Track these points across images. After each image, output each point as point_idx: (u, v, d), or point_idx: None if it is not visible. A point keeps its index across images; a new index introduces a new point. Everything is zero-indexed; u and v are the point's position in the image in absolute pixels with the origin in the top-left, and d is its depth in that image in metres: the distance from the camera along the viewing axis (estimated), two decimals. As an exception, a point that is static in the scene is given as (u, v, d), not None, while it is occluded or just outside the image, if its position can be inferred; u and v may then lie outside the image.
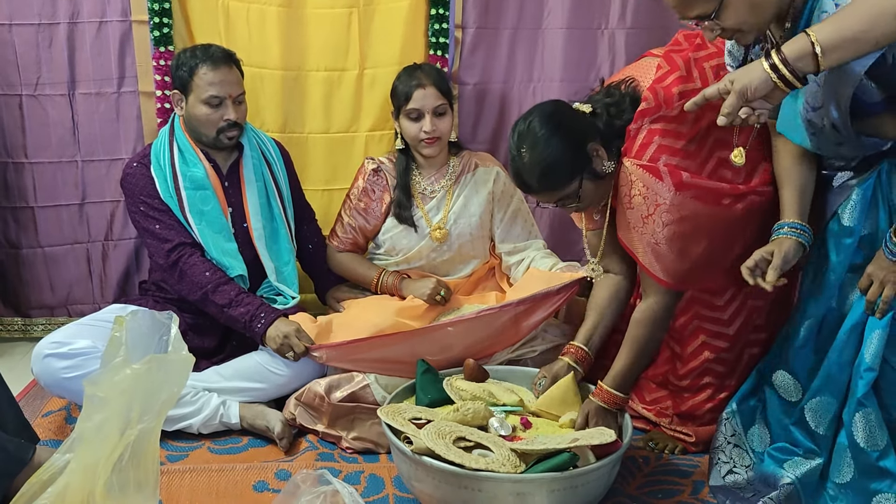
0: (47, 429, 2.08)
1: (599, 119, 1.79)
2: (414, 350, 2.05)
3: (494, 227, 2.42)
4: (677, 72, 1.77)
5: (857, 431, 1.59)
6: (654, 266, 1.79)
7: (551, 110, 1.79)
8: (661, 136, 1.73)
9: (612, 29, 2.67)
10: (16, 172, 2.59)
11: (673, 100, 1.73)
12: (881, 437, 1.58)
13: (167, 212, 2.17)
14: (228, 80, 2.16)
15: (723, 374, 2.05)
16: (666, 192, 1.71)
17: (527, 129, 1.75)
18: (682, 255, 1.77)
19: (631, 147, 1.76)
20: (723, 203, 1.74)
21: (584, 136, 1.76)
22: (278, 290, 2.28)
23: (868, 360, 1.57)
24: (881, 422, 1.58)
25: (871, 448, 1.58)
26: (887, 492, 1.58)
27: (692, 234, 1.75)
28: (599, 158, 1.77)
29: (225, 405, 2.10)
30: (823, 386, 1.67)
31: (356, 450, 2.04)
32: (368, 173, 2.38)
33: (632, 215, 1.77)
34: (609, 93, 1.84)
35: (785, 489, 1.70)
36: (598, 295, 2.01)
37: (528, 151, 1.74)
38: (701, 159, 1.74)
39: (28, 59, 2.50)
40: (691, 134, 1.73)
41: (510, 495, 1.61)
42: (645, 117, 1.74)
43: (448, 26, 2.57)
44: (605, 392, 1.84)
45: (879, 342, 1.56)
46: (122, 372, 1.35)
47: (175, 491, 1.83)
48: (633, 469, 1.97)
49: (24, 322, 2.72)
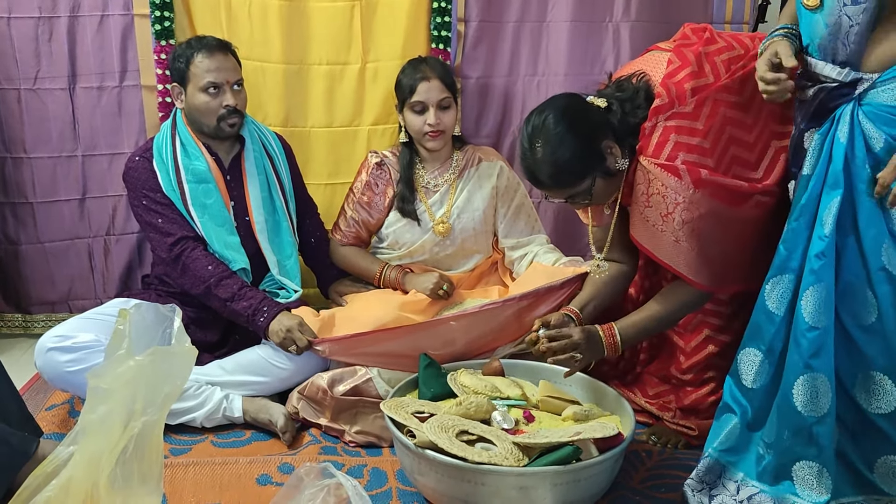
0: (51, 422, 2.08)
1: (614, 115, 1.77)
2: (417, 344, 2.05)
3: (498, 222, 2.42)
4: (689, 67, 1.75)
5: (797, 395, 1.54)
6: (677, 262, 1.78)
7: (567, 105, 1.76)
8: (676, 133, 1.71)
9: (616, 22, 2.66)
10: (14, 167, 2.58)
11: (686, 96, 1.72)
12: (824, 404, 1.52)
13: (170, 205, 2.17)
14: (225, 66, 2.16)
15: (726, 368, 2.03)
16: (685, 189, 1.70)
17: (542, 124, 1.72)
18: (701, 253, 1.76)
19: (647, 145, 1.74)
20: (741, 200, 1.73)
21: (598, 134, 1.74)
22: (281, 283, 2.28)
23: (808, 320, 1.52)
24: (829, 388, 1.51)
25: (808, 412, 1.53)
26: (812, 460, 1.56)
27: (711, 231, 1.74)
28: (613, 156, 1.76)
29: (228, 399, 2.10)
30: (751, 336, 1.65)
31: (359, 444, 2.04)
32: (372, 167, 2.38)
33: (651, 214, 1.76)
34: (621, 87, 1.81)
35: (704, 462, 1.71)
36: (596, 276, 2.00)
37: (541, 147, 1.71)
38: (717, 155, 1.73)
39: (27, 52, 2.49)
40: (706, 130, 1.72)
41: (513, 489, 1.61)
42: (659, 114, 1.73)
43: (450, 19, 2.56)
44: (610, 331, 1.84)
45: (817, 299, 1.50)
46: (125, 364, 1.34)
47: (179, 484, 1.83)
48: (637, 463, 1.97)
49: (24, 318, 2.71)
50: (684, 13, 2.65)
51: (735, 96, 1.75)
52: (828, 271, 1.51)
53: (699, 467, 1.73)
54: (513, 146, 2.72)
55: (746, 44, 1.83)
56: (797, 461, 1.58)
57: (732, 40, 1.84)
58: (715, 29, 1.98)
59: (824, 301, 1.51)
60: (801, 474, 1.58)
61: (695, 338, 2.04)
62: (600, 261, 1.94)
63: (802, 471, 1.58)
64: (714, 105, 1.73)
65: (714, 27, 2.67)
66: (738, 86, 1.75)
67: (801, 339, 1.54)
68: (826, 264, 1.51)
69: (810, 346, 1.52)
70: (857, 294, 1.52)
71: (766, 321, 1.62)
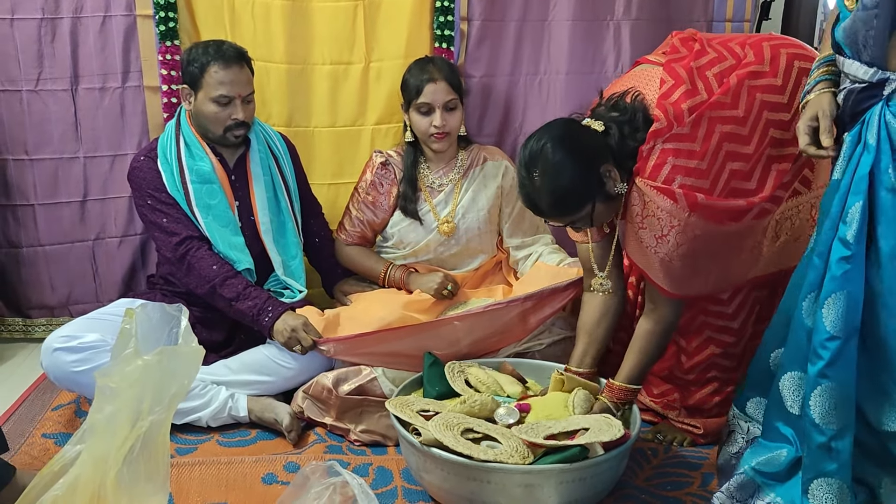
0: (57, 422, 2.09)
1: (612, 139, 1.74)
2: (421, 344, 2.05)
3: (502, 222, 2.42)
4: (683, 85, 1.73)
5: (814, 406, 1.48)
6: (664, 281, 1.78)
7: (564, 133, 1.72)
8: (674, 156, 1.69)
9: (617, 20, 2.66)
10: (16, 169, 2.56)
11: (683, 116, 1.70)
12: (842, 417, 1.46)
13: (174, 205, 2.17)
14: (239, 79, 2.15)
15: (729, 367, 2.05)
16: (680, 213, 1.68)
17: (539, 152, 1.69)
18: (695, 271, 1.76)
19: (644, 167, 1.72)
20: (738, 217, 1.72)
21: (596, 160, 1.71)
22: (286, 283, 2.28)
23: (829, 329, 1.45)
24: (846, 399, 1.45)
25: (825, 425, 1.47)
26: (832, 477, 1.47)
27: (706, 252, 1.74)
28: (612, 180, 1.73)
29: (233, 398, 2.10)
30: (791, 358, 1.57)
31: (364, 442, 2.05)
32: (377, 166, 2.38)
33: (645, 234, 1.75)
34: (616, 107, 1.78)
35: (738, 478, 1.65)
36: (585, 318, 1.97)
37: (539, 177, 1.69)
38: (714, 174, 1.72)
39: (29, 53, 2.48)
40: (703, 150, 1.70)
41: (518, 487, 1.62)
42: (657, 137, 1.71)
43: (453, 19, 2.56)
44: (616, 388, 1.83)
45: (838, 307, 1.44)
46: (132, 363, 1.35)
47: (185, 483, 1.83)
48: (642, 461, 1.97)
49: (24, 322, 2.70)
50: (685, 11, 2.65)
51: (730, 110, 1.73)
52: (852, 279, 1.44)
53: (731, 482, 1.65)
54: (515, 145, 2.72)
55: (737, 52, 1.80)
56: (815, 479, 1.50)
57: (722, 49, 1.81)
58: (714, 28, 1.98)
59: (846, 310, 1.45)
60: (819, 494, 1.50)
61: (696, 338, 2.04)
62: (603, 279, 1.93)
63: (820, 489, 1.49)
64: (710, 123, 1.70)
65: (715, 25, 2.69)
66: (732, 100, 1.72)
67: (819, 349, 1.48)
68: (851, 271, 1.44)
69: (829, 356, 1.46)
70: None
71: (807, 340, 1.53)
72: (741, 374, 2.03)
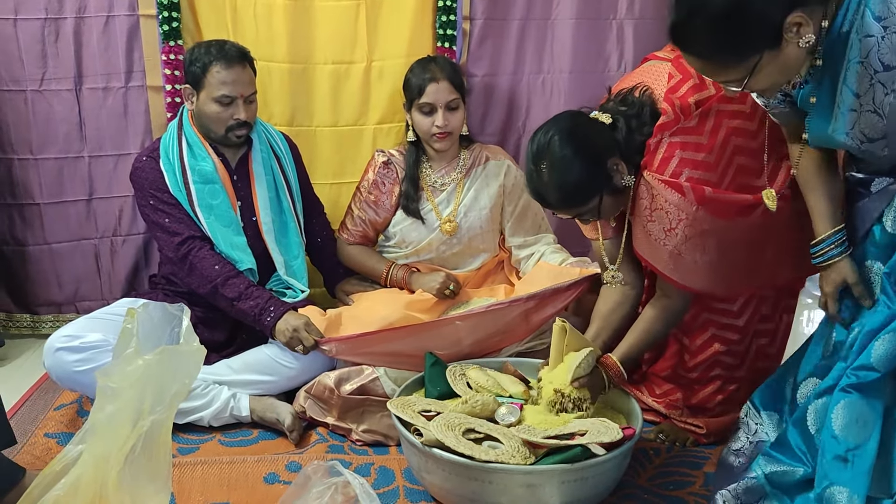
0: (59, 422, 2.09)
1: (619, 132, 1.75)
2: (423, 344, 2.05)
3: (504, 221, 2.42)
4: (690, 80, 1.74)
5: (836, 418, 1.45)
6: (675, 273, 1.78)
7: (572, 126, 1.73)
8: (681, 149, 1.70)
9: (620, 19, 2.66)
10: (21, 169, 2.58)
11: (690, 110, 1.71)
12: (862, 433, 1.43)
13: (176, 205, 2.17)
14: (241, 79, 2.15)
15: (732, 365, 2.04)
16: (688, 206, 1.69)
17: (546, 146, 1.70)
18: (705, 265, 1.76)
19: (651, 161, 1.73)
20: (747, 212, 1.72)
21: (604, 152, 1.73)
22: (288, 283, 2.28)
23: (874, 361, 1.42)
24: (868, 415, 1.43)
25: (844, 438, 1.44)
26: (844, 486, 1.43)
27: (715, 245, 1.74)
28: (619, 173, 1.74)
29: (235, 398, 2.11)
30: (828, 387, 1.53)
31: (366, 442, 2.05)
32: (379, 166, 2.38)
33: (653, 228, 1.75)
34: (625, 101, 1.79)
35: (747, 482, 1.64)
36: (601, 305, 1.98)
37: (547, 171, 1.70)
38: (722, 168, 1.72)
39: (33, 53, 2.49)
40: (711, 144, 1.71)
41: (520, 487, 1.61)
42: (664, 131, 1.72)
43: (456, 18, 2.56)
44: (611, 362, 1.84)
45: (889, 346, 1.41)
46: (134, 363, 1.35)
47: (187, 483, 1.83)
48: (644, 461, 1.97)
49: (32, 319, 2.72)
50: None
51: (737, 104, 1.73)
52: None
53: (739, 484, 1.64)
54: (518, 144, 2.72)
55: None
56: (828, 488, 1.45)
57: None
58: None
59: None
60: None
61: (700, 336, 2.03)
62: (615, 271, 1.93)
63: (833, 498, 1.44)
64: (717, 117, 1.71)
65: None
66: (740, 95, 1.71)
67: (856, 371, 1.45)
68: None
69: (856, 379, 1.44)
70: None
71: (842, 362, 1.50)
72: (744, 372, 2.03)
